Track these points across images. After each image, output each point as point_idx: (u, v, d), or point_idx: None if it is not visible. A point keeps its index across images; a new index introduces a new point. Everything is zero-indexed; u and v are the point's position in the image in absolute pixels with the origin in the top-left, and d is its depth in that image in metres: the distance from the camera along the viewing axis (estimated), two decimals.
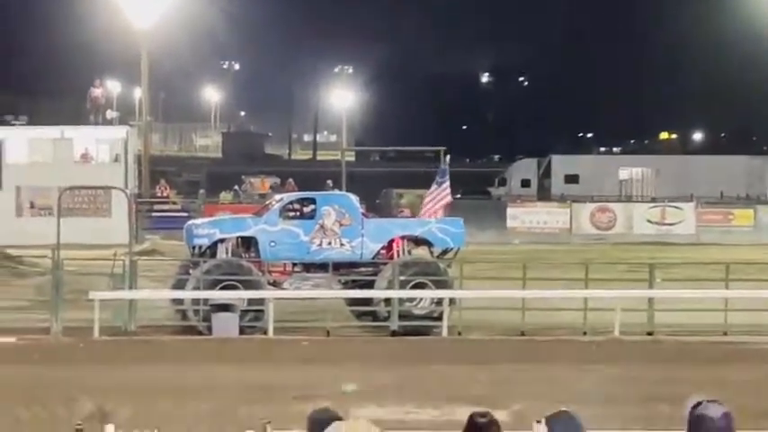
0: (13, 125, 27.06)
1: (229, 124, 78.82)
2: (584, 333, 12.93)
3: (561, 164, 41.67)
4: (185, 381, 9.21)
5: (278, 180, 33.67)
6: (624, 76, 71.73)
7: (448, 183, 14.46)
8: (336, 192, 20.53)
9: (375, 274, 13.76)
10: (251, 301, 13.07)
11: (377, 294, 13.44)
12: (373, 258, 13.86)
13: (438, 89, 76.27)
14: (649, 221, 28.30)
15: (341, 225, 13.78)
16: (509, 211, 28.88)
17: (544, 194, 38.22)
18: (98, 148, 25.25)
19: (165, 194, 28.14)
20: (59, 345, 12.12)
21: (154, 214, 25.05)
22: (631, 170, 41.28)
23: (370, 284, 13.59)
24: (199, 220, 15.76)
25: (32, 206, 23.46)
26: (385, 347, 12.12)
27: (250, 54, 79.13)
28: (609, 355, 10.89)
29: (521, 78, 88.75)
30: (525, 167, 43.45)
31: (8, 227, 21.31)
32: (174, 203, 27.58)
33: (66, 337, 12.30)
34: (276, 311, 12.72)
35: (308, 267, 13.92)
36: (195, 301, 13.15)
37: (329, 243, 13.64)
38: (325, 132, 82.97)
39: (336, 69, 68.91)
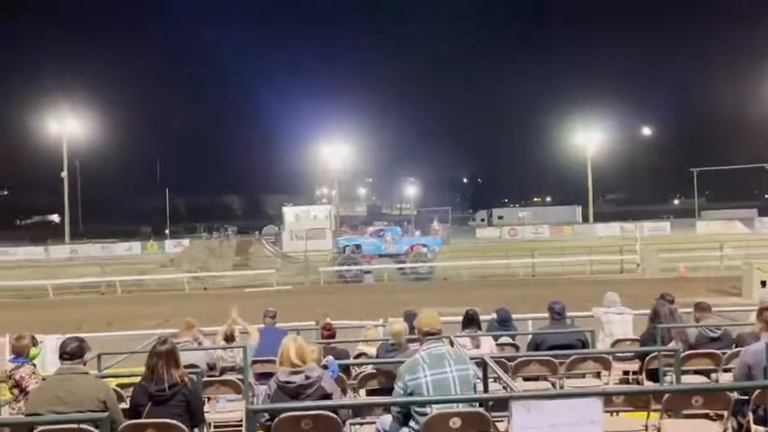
0: (287, 205, 59.87)
1: None
2: None
3: None
4: None
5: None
6: None
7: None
8: (393, 226, 40.09)
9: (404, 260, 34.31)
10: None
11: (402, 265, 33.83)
12: (404, 253, 34.77)
13: None
14: None
15: (393, 239, 35.21)
16: None
17: None
18: (321, 213, 54.23)
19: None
20: None
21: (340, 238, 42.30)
22: None
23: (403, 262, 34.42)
24: (342, 237, 39.05)
25: (296, 237, 48.37)
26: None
27: None
28: None
29: None
30: None
31: (288, 246, 48.67)
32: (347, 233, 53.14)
33: None
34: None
35: (381, 256, 34.81)
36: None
37: (388, 246, 34.79)
38: None
39: None
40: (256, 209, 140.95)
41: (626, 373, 7.56)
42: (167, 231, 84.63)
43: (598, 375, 6.91)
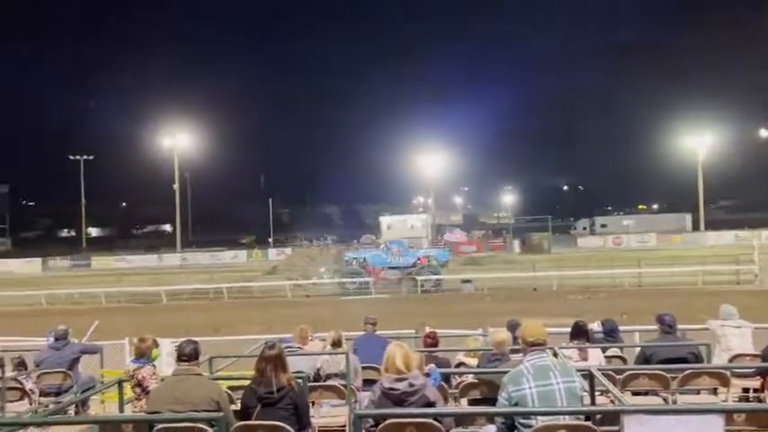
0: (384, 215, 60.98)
1: None
2: None
3: None
4: None
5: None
6: None
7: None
8: (400, 239, 38.27)
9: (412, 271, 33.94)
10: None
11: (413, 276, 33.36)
12: (412, 265, 34.44)
13: None
14: None
15: (399, 251, 35.08)
16: None
17: None
18: (417, 222, 54.60)
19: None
20: None
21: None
22: None
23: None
24: (350, 252, 40.56)
25: None
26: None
27: None
28: None
29: None
30: None
31: None
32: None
33: None
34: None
35: (392, 269, 34.59)
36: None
37: (394, 259, 34.68)
38: None
39: None
40: (355, 218, 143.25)
41: (746, 390, 7.08)
42: (270, 240, 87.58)
43: (714, 392, 6.54)
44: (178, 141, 66.63)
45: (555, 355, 5.89)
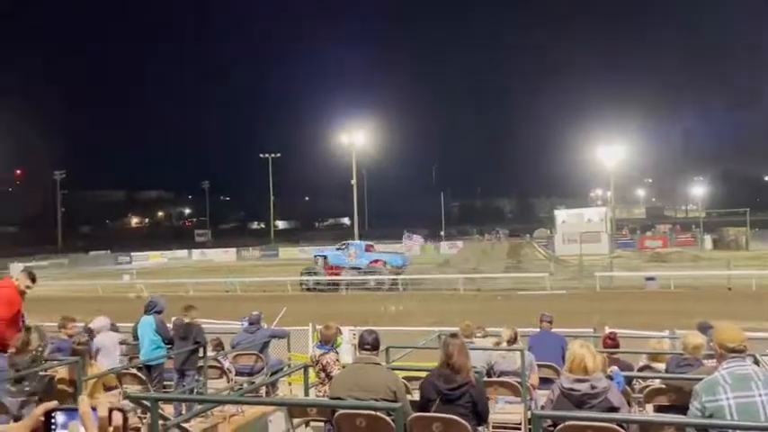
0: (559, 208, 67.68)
1: None
2: None
3: None
4: None
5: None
6: None
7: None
8: (358, 241, 40.29)
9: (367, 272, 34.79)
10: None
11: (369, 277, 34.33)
12: (366, 266, 35.14)
13: None
14: None
15: (356, 253, 35.86)
16: None
17: None
18: (595, 216, 56.30)
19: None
20: None
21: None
22: None
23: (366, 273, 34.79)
24: (317, 250, 44.04)
25: (569, 240, 48.40)
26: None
27: None
28: None
29: None
30: None
31: (560, 249, 50.62)
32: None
33: None
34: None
35: (352, 269, 35.25)
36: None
37: (352, 259, 35.55)
38: None
39: None
40: (527, 211, 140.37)
41: None
42: (442, 233, 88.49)
43: None
44: (356, 139, 69.56)
45: (756, 363, 5.33)
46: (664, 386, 5.91)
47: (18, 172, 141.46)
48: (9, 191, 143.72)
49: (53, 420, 1.30)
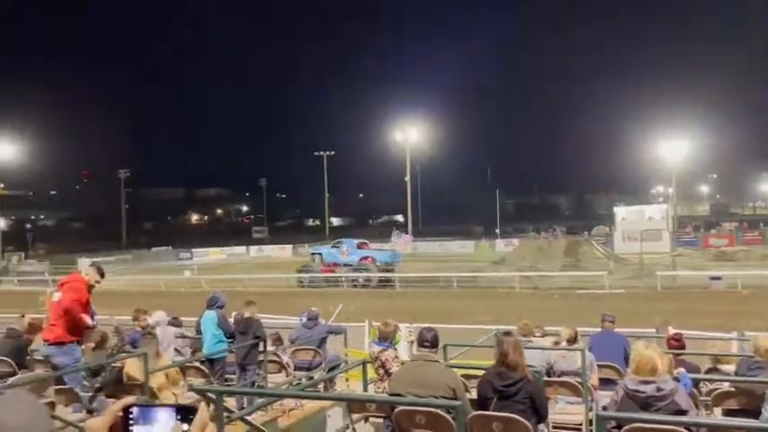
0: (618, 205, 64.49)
1: None
2: None
3: None
4: None
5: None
6: None
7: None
8: (350, 239, 41.07)
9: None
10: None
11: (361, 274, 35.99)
12: (357, 263, 37.04)
13: None
14: None
15: (348, 251, 37.69)
16: None
17: None
18: (656, 213, 54.28)
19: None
20: None
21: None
22: None
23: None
24: (313, 247, 45.65)
25: (629, 238, 48.09)
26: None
27: None
28: None
29: None
30: None
31: (619, 247, 48.82)
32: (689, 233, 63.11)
33: None
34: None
35: (345, 265, 37.01)
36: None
37: (344, 256, 37.45)
38: None
39: None
40: (584, 208, 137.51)
41: None
42: (497, 231, 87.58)
43: None
44: (410, 136, 69.51)
45: None
46: (733, 389, 5.71)
47: (85, 171, 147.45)
48: (77, 189, 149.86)
49: (131, 415, 1.32)
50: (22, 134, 65.57)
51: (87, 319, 7.04)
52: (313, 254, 40.51)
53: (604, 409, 5.00)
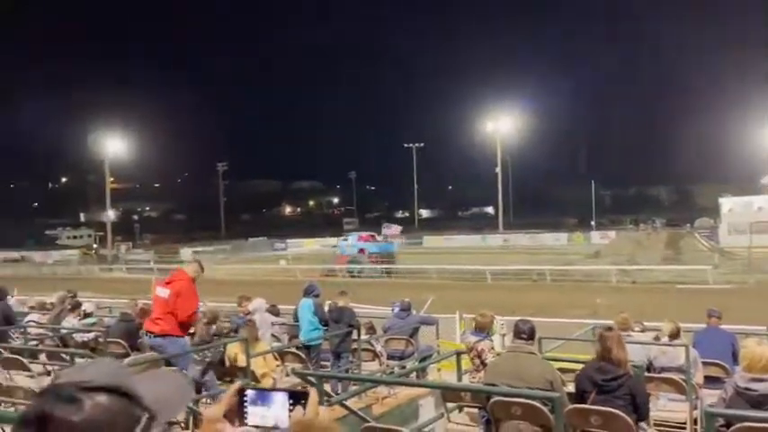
0: (724, 196, 57.44)
1: None
2: None
3: None
4: None
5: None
6: None
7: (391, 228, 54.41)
8: (355, 233, 47.29)
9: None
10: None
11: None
12: (355, 254, 42.01)
13: None
14: None
15: (350, 244, 44.58)
16: None
17: None
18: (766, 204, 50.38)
19: None
20: None
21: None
22: None
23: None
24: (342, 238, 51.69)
25: (736, 230, 45.35)
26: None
27: None
28: None
29: None
30: None
31: (725, 240, 47.63)
32: None
33: None
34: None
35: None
36: None
37: (349, 249, 43.80)
38: None
39: None
40: (686, 200, 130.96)
41: None
42: (593, 223, 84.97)
43: None
44: (500, 126, 68.45)
45: None
46: None
47: (186, 164, 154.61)
48: (179, 182, 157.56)
49: (245, 398, 1.38)
50: (130, 132, 69.56)
51: (195, 317, 7.44)
52: (334, 246, 46.09)
53: (711, 407, 4.80)
